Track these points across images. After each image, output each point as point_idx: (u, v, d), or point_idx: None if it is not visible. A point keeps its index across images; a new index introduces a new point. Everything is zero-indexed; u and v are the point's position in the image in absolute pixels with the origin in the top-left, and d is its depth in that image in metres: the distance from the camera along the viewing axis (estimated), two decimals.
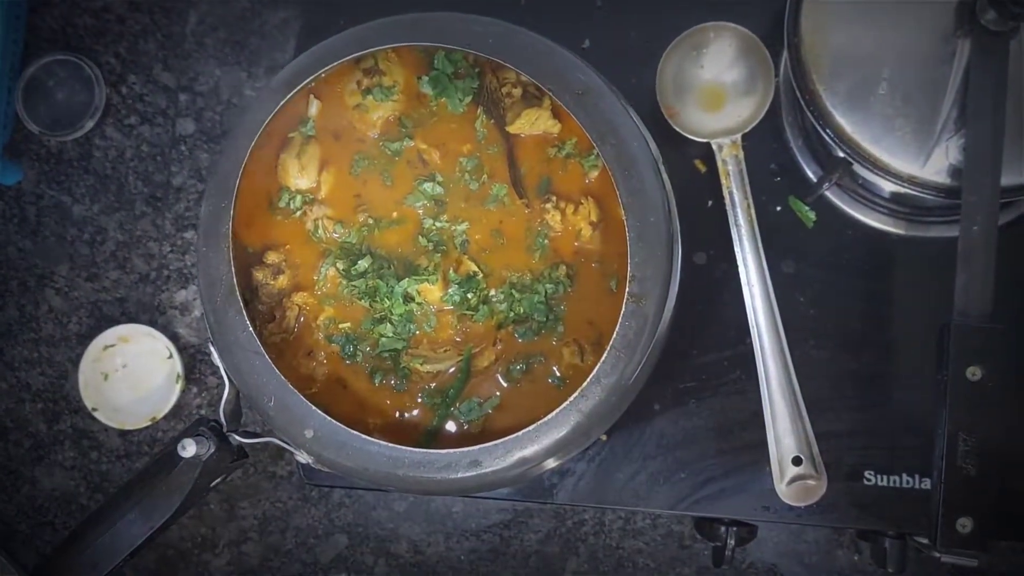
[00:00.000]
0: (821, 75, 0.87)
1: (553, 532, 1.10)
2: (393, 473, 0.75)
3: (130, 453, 1.12)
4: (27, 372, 1.13)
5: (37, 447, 1.13)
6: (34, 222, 1.14)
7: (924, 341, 0.87)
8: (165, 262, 1.13)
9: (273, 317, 0.84)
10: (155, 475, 0.76)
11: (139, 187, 1.14)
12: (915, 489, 0.93)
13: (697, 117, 0.97)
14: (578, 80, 0.78)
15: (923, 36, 0.86)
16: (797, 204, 0.97)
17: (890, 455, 0.94)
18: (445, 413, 0.83)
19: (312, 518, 1.12)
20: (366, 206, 0.86)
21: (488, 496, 0.99)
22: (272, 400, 0.76)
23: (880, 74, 0.86)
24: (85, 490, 1.13)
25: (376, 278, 0.84)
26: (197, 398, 1.12)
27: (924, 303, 0.93)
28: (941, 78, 0.86)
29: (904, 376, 0.95)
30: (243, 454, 0.80)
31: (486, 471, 0.75)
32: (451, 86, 0.85)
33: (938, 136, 0.85)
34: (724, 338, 0.97)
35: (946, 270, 0.84)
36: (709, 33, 0.96)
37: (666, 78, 0.96)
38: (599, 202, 0.85)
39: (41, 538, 1.13)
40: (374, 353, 0.84)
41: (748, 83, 0.96)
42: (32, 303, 1.14)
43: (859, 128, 0.87)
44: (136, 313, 1.13)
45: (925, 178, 0.86)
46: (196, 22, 1.15)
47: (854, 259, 0.97)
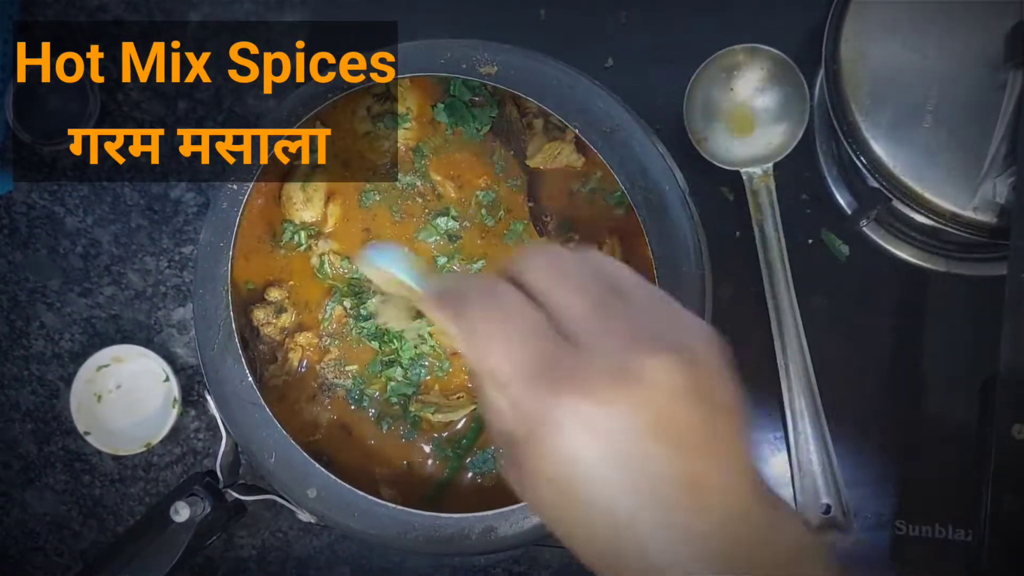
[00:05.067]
0: (861, 104, 0.82)
1: (564, 570, 1.06)
2: (402, 537, 0.71)
3: (124, 478, 1.08)
4: (17, 391, 1.09)
5: (27, 469, 1.09)
6: (25, 233, 1.09)
7: (961, 384, 0.84)
8: (162, 278, 1.09)
9: (275, 358, 0.80)
10: (145, 534, 0.71)
11: (135, 199, 1.09)
12: (950, 540, 0.89)
13: (726, 143, 0.92)
14: (606, 116, 0.73)
15: (971, 65, 0.82)
16: (830, 237, 0.92)
17: (924, 503, 0.90)
18: (457, 465, 0.78)
19: (314, 549, 1.08)
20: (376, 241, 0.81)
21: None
22: (273, 456, 0.72)
23: (925, 105, 0.82)
24: (77, 515, 1.09)
25: None
26: (195, 422, 1.08)
27: (962, 344, 0.90)
28: (990, 110, 0.81)
29: (939, 420, 0.90)
30: (241, 509, 0.76)
31: (501, 536, 0.70)
32: (468, 115, 0.81)
33: (985, 173, 0.81)
34: (752, 375, 0.92)
35: (986, 310, 0.80)
36: (740, 55, 0.91)
37: (694, 102, 0.91)
38: (623, 240, 0.80)
39: (32, 563, 1.09)
40: (382, 398, 0.80)
41: (781, 109, 0.91)
42: (23, 318, 1.09)
43: (900, 162, 0.82)
44: (131, 331, 1.08)
45: (970, 217, 0.81)
46: (196, 25, 1.09)
47: (889, 296, 0.93)
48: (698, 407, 0.41)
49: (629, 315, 0.43)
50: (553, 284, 0.44)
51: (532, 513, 0.41)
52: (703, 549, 0.41)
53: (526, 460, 0.42)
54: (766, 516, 0.42)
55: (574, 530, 0.43)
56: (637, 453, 0.40)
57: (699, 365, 0.42)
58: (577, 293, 0.44)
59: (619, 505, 0.41)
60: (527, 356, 0.42)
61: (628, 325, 0.43)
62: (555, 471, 0.41)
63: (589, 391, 0.40)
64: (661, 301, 0.46)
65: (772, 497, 0.43)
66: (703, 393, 0.41)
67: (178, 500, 0.70)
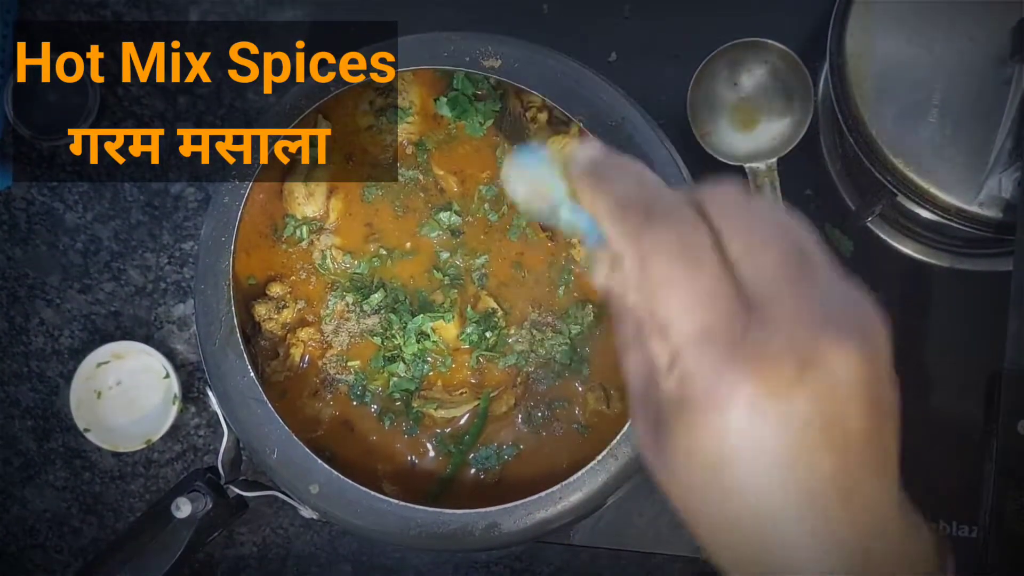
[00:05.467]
0: (866, 99, 0.82)
1: (567, 566, 1.05)
2: (405, 533, 0.70)
3: (124, 475, 1.07)
4: (17, 387, 1.08)
5: (27, 466, 1.08)
6: (24, 229, 1.08)
7: (966, 380, 0.83)
8: (162, 274, 1.08)
9: (276, 354, 0.79)
10: (146, 532, 0.71)
11: (135, 194, 1.08)
12: (954, 537, 0.89)
13: (730, 138, 0.91)
14: (611, 110, 0.72)
15: (976, 60, 0.81)
16: (834, 233, 0.92)
17: (927, 500, 0.89)
18: (460, 461, 0.78)
19: (314, 546, 1.07)
20: (378, 236, 0.80)
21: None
22: (275, 453, 0.71)
23: (930, 100, 0.81)
24: (77, 512, 1.08)
25: (390, 312, 0.79)
26: (195, 418, 1.07)
27: (967, 340, 0.89)
28: (995, 105, 0.80)
29: (943, 416, 0.90)
30: (243, 505, 0.75)
31: (504, 533, 0.70)
32: (471, 108, 0.80)
33: (990, 168, 0.80)
34: None
35: (991, 306, 0.79)
36: (744, 50, 0.91)
37: (698, 96, 0.91)
38: None
39: (32, 560, 1.08)
40: (384, 394, 0.79)
41: (785, 104, 0.91)
42: (22, 315, 1.08)
43: (905, 157, 0.81)
44: (131, 327, 1.08)
45: (975, 212, 0.81)
46: (197, 20, 1.09)
47: (893, 291, 0.93)
48: (869, 410, 0.37)
49: (816, 285, 0.38)
50: (744, 232, 0.39)
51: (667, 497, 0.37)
52: (846, 561, 0.38)
53: (678, 435, 0.38)
54: (902, 534, 0.40)
55: (716, 521, 0.39)
56: (802, 451, 0.37)
57: (877, 360, 0.37)
58: (766, 249, 0.38)
59: (770, 502, 0.38)
60: (711, 318, 0.37)
61: (815, 299, 0.38)
62: (712, 453, 0.37)
63: (770, 374, 0.36)
64: (842, 274, 0.40)
65: (912, 515, 0.40)
66: (876, 394, 0.38)
67: (179, 496, 0.70)
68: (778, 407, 0.36)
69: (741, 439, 0.37)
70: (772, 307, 0.37)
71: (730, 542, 0.40)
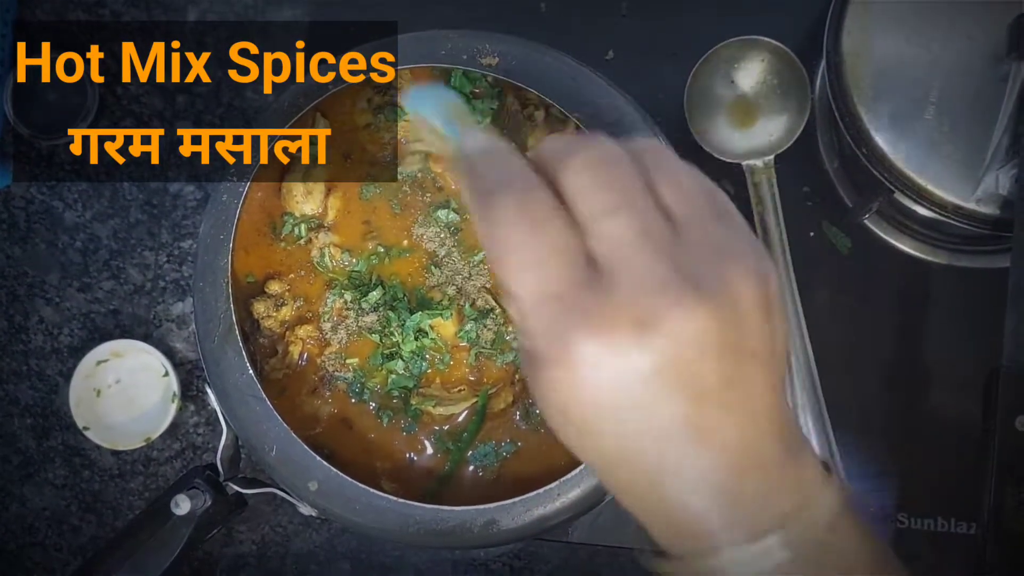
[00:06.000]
0: (863, 97, 0.82)
1: (565, 564, 1.05)
2: (403, 530, 0.70)
3: (124, 473, 1.08)
4: (16, 385, 1.08)
5: (26, 464, 1.08)
6: (24, 228, 1.09)
7: (964, 377, 0.83)
8: (161, 272, 1.08)
9: (275, 352, 0.79)
10: (145, 529, 0.71)
11: (134, 193, 1.08)
12: (953, 533, 0.89)
13: (726, 135, 0.91)
14: (608, 108, 0.73)
15: (973, 57, 0.81)
16: (832, 230, 0.92)
17: (926, 497, 0.89)
18: (459, 458, 0.78)
19: (313, 544, 1.07)
20: (376, 233, 0.81)
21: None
22: (274, 450, 0.71)
23: (927, 97, 0.81)
24: (76, 510, 1.08)
25: (388, 310, 0.79)
26: (194, 416, 1.07)
27: (965, 337, 0.89)
28: (992, 102, 0.80)
29: (941, 413, 0.90)
30: (242, 502, 0.75)
31: (502, 530, 0.70)
32: (468, 106, 0.80)
33: (988, 165, 0.80)
34: None
35: (989, 303, 0.79)
36: (741, 47, 0.90)
37: (695, 94, 0.91)
38: None
39: (31, 558, 1.08)
40: (383, 391, 0.79)
41: (782, 101, 0.91)
42: (21, 313, 1.09)
43: (902, 154, 0.81)
44: (130, 325, 1.08)
45: (972, 209, 0.81)
46: (195, 20, 1.09)
47: (891, 288, 0.92)
48: (721, 358, 0.38)
49: (675, 241, 0.39)
50: (593, 190, 0.40)
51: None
52: (718, 498, 0.40)
53: (540, 388, 0.40)
54: (779, 466, 0.41)
55: (606, 458, 0.41)
56: (656, 397, 0.38)
57: (737, 310, 0.39)
58: (618, 210, 0.39)
59: (635, 444, 0.40)
60: (548, 282, 0.38)
61: (669, 256, 0.39)
62: (572, 403, 0.39)
63: (604, 334, 0.38)
64: (721, 218, 0.41)
65: (798, 447, 0.42)
66: (733, 343, 0.39)
67: (179, 493, 0.70)
68: (621, 363, 0.38)
69: (591, 394, 0.39)
70: (619, 268, 0.39)
71: (624, 479, 0.42)
